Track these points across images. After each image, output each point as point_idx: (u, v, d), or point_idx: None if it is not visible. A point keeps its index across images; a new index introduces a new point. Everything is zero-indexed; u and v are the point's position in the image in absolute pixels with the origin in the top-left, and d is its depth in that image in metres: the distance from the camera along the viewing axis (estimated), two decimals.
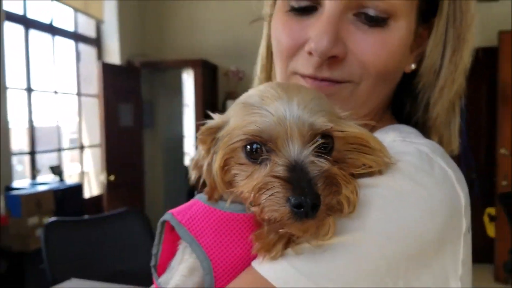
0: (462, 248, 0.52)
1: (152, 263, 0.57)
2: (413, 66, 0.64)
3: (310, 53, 0.57)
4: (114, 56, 5.00)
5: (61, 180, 3.84)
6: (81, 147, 4.81)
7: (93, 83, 4.78)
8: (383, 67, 0.57)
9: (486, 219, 4.47)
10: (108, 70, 4.72)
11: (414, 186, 0.49)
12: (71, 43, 4.65)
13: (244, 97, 0.50)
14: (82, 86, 4.81)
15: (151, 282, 0.59)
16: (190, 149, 7.89)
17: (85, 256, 2.48)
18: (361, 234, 0.45)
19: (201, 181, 0.51)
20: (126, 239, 2.65)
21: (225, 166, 0.48)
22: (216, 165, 0.48)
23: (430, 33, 0.62)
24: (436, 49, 0.62)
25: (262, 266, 0.46)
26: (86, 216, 2.89)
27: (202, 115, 5.32)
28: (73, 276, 2.20)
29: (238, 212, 0.49)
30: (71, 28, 4.66)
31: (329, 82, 0.58)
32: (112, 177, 4.71)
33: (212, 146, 0.49)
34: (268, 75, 0.74)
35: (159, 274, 0.57)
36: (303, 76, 0.59)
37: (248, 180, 0.45)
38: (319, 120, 0.45)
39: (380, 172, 0.49)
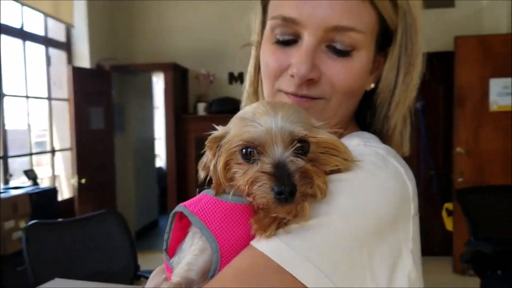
0: (411, 227, 0.65)
1: (164, 247, 0.70)
2: (372, 86, 0.79)
3: (292, 76, 0.72)
4: (84, 60, 5.02)
5: (35, 184, 3.86)
6: (52, 151, 4.82)
7: (64, 87, 4.79)
8: (348, 87, 0.72)
9: (444, 214, 4.68)
10: (78, 74, 4.74)
11: (373, 179, 0.63)
12: (41, 47, 4.66)
13: (241, 112, 0.64)
14: (53, 90, 4.81)
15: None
16: (161, 151, 7.91)
17: (66, 257, 2.54)
18: (333, 216, 0.59)
19: (208, 179, 0.65)
20: (105, 240, 2.73)
21: (227, 166, 0.61)
22: (220, 165, 0.61)
23: (386, 59, 0.77)
24: (391, 73, 0.77)
25: (260, 243, 0.58)
26: (60, 220, 2.94)
27: (173, 117, 5.40)
28: (55, 277, 2.27)
29: (240, 203, 0.62)
30: (41, 33, 4.67)
31: (306, 98, 0.73)
32: (83, 180, 4.75)
33: (217, 151, 0.63)
34: (255, 90, 0.88)
35: (170, 257, 0.69)
36: (286, 93, 0.74)
37: (244, 175, 0.59)
38: (297, 129, 0.58)
39: (345, 169, 0.63)
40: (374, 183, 0.63)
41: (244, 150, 0.59)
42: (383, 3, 0.70)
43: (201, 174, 0.65)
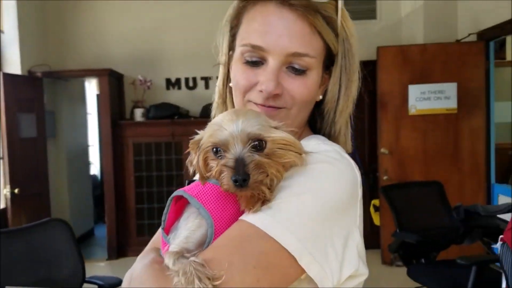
0: (359, 208, 0.83)
1: (162, 226, 0.84)
2: (320, 97, 0.98)
3: (261, 91, 0.89)
4: (15, 67, 4.89)
5: None
6: None
7: None
8: (305, 99, 0.91)
9: (372, 209, 5.02)
10: (9, 81, 4.62)
11: (334, 168, 0.80)
12: None
13: (214, 120, 0.80)
14: None
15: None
16: (95, 159, 7.74)
17: (12, 266, 2.53)
18: (305, 196, 0.75)
19: (196, 172, 0.81)
20: (52, 248, 2.74)
21: (205, 161, 0.78)
22: (200, 161, 0.78)
23: (330, 77, 0.97)
24: (334, 87, 0.96)
25: (248, 217, 0.73)
26: (4, 229, 2.89)
27: (109, 124, 5.36)
28: (4, 286, 2.27)
29: None
30: None
31: (272, 108, 0.90)
32: (16, 190, 4.62)
33: (197, 150, 0.79)
34: (224, 100, 1.04)
35: (167, 234, 0.83)
36: (256, 104, 0.91)
37: (215, 168, 0.75)
38: (253, 131, 0.73)
39: (299, 161, 0.79)
40: (335, 172, 0.81)
41: (214, 149, 0.75)
42: (328, 35, 0.90)
43: (190, 170, 0.82)
